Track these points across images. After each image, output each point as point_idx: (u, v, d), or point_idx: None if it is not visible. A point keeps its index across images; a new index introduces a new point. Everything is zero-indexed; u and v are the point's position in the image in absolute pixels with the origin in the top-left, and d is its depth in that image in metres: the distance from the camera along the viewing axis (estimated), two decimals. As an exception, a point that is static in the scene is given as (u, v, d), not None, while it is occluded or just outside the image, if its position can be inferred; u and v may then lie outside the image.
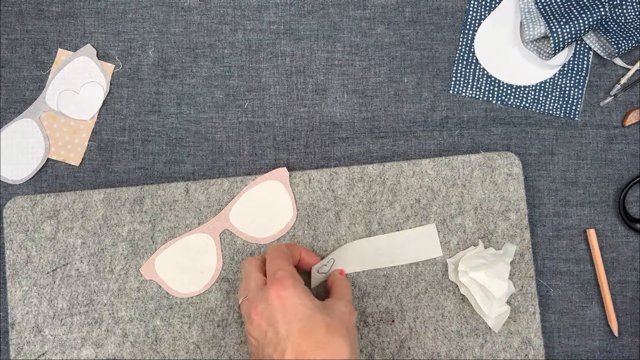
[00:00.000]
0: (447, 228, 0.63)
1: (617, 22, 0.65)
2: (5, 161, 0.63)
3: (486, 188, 0.63)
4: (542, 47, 0.65)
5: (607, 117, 0.66)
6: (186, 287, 0.62)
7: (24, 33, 0.65)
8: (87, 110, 0.64)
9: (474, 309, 0.61)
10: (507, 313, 0.61)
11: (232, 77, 0.66)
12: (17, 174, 0.64)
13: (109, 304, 0.61)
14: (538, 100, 0.66)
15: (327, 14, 0.66)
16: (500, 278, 0.59)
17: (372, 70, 0.66)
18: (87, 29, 0.65)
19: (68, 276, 0.61)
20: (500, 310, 0.60)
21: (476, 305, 0.60)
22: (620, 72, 0.67)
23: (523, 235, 0.63)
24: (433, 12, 0.67)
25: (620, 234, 0.66)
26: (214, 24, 0.66)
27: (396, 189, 0.63)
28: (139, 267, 0.62)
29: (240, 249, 0.62)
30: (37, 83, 0.65)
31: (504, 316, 0.60)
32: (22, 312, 0.61)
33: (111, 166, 0.65)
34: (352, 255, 0.62)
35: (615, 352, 0.65)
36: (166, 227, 0.62)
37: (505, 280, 0.59)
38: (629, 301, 0.65)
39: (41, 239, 0.61)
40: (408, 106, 0.66)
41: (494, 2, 0.67)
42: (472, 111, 0.66)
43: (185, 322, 0.61)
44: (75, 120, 0.64)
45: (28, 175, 0.64)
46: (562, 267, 0.65)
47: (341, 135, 0.66)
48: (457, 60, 0.66)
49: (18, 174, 0.64)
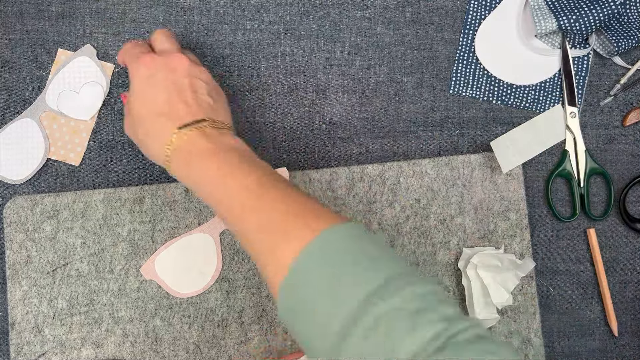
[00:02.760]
0: (447, 228, 0.63)
1: (619, 21, 0.64)
2: (5, 161, 0.63)
3: (486, 188, 0.63)
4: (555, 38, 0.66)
5: (607, 117, 0.66)
6: (186, 287, 0.62)
7: (24, 33, 0.65)
8: (87, 110, 0.64)
9: (466, 301, 0.61)
10: (494, 321, 0.60)
11: (232, 77, 0.66)
12: (17, 174, 0.64)
13: (109, 304, 0.61)
14: (538, 100, 0.66)
15: (327, 14, 0.66)
16: (505, 288, 0.59)
17: (372, 70, 0.66)
18: (87, 29, 0.65)
19: (68, 276, 0.61)
20: (489, 317, 0.60)
21: (470, 300, 0.60)
22: (620, 72, 0.67)
23: (523, 235, 0.63)
24: (433, 12, 0.67)
25: (620, 234, 0.66)
26: (214, 24, 0.66)
27: (396, 189, 0.63)
28: (139, 267, 0.62)
29: (240, 249, 0.62)
30: (37, 83, 0.65)
31: (490, 323, 0.60)
32: (22, 312, 0.61)
33: (111, 166, 0.65)
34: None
35: (615, 352, 0.65)
36: (166, 227, 0.62)
37: (508, 292, 0.59)
38: (629, 301, 0.65)
39: (41, 239, 0.61)
40: (408, 106, 0.66)
41: (494, 2, 0.67)
42: (472, 111, 0.66)
43: (185, 322, 0.61)
44: (75, 120, 0.64)
45: (28, 175, 0.64)
46: (562, 267, 0.65)
47: (341, 136, 0.66)
48: (457, 60, 0.66)
49: (18, 174, 0.64)
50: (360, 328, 0.37)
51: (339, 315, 0.38)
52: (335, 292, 0.39)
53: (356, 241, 0.42)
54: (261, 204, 0.46)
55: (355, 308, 0.38)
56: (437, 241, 0.63)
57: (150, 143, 0.53)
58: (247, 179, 0.47)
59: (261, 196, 0.46)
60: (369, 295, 0.38)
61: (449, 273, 0.63)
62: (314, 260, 0.41)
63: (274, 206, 0.45)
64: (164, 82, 0.53)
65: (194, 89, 0.53)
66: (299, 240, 0.42)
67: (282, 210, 0.45)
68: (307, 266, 0.41)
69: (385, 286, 0.38)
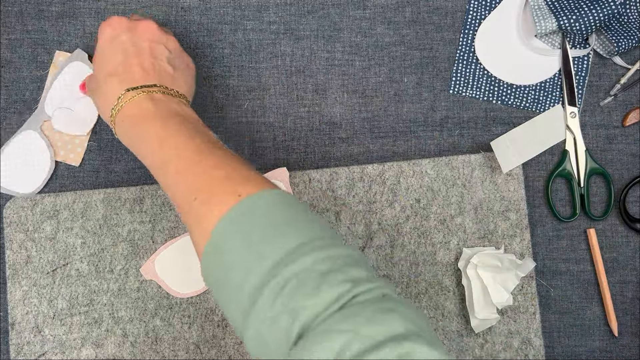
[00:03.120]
0: (447, 228, 0.63)
1: (619, 21, 0.64)
2: (14, 175, 0.63)
3: (486, 188, 0.63)
4: (555, 38, 0.66)
5: (607, 117, 0.66)
6: (186, 287, 0.62)
7: (24, 33, 0.65)
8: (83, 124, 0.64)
9: (466, 301, 0.61)
10: (494, 321, 0.60)
11: (232, 77, 0.66)
12: (27, 186, 0.63)
13: (109, 304, 0.61)
14: (538, 100, 0.66)
15: (327, 14, 0.66)
16: (505, 288, 0.59)
17: (372, 70, 0.66)
18: (87, 29, 0.65)
19: (68, 276, 0.61)
20: (489, 317, 0.60)
21: (470, 300, 0.60)
22: (620, 72, 0.67)
23: (523, 235, 0.63)
24: (433, 12, 0.67)
25: (620, 234, 0.66)
26: (214, 24, 0.66)
27: (396, 189, 0.63)
28: (139, 267, 0.62)
29: (240, 249, 0.62)
30: (37, 83, 0.65)
31: (490, 322, 0.60)
32: (22, 312, 0.61)
33: (111, 166, 0.65)
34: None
35: (615, 352, 0.65)
36: (166, 227, 0.62)
37: (508, 292, 0.59)
38: (629, 301, 0.65)
39: (41, 239, 0.61)
40: (408, 106, 0.66)
41: (494, 2, 0.66)
42: (472, 111, 0.66)
43: (185, 322, 0.61)
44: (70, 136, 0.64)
45: (39, 186, 0.63)
46: (562, 267, 0.65)
47: (341, 136, 0.66)
48: (457, 60, 0.66)
49: (29, 187, 0.63)
50: (269, 290, 0.37)
51: (251, 279, 0.38)
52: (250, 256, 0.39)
53: (280, 207, 0.42)
54: (195, 169, 0.45)
55: (267, 270, 0.38)
56: (437, 241, 0.63)
57: (101, 103, 0.54)
58: (185, 145, 0.47)
59: (198, 162, 0.46)
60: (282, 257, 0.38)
61: (449, 273, 0.63)
62: (233, 225, 0.41)
63: (207, 171, 0.45)
64: (125, 44, 0.54)
65: (154, 54, 0.54)
66: (223, 204, 0.42)
67: (213, 175, 0.44)
68: (226, 231, 0.41)
69: (300, 247, 0.38)
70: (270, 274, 0.38)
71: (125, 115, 0.51)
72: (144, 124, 0.50)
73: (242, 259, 0.39)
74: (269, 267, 0.38)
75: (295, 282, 0.37)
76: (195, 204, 0.44)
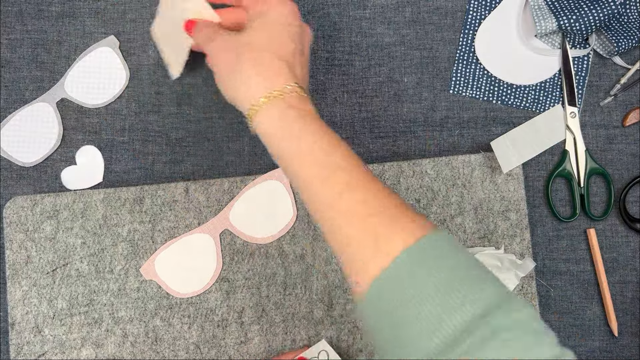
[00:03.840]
0: (447, 228, 0.63)
1: (619, 21, 0.64)
2: (16, 142, 0.63)
3: (486, 188, 0.63)
4: (555, 38, 0.66)
5: (607, 117, 0.66)
6: (186, 287, 0.62)
7: (24, 33, 0.65)
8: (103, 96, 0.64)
9: None
10: None
11: (232, 77, 0.66)
12: (26, 156, 0.64)
13: (109, 304, 0.61)
14: (538, 100, 0.66)
15: (327, 14, 0.66)
16: None
17: (372, 70, 0.66)
18: (87, 29, 0.65)
19: (68, 276, 0.61)
20: None
21: None
22: (620, 72, 0.67)
23: (523, 235, 0.63)
24: (433, 12, 0.67)
25: (620, 234, 0.66)
26: (214, 24, 0.66)
27: (396, 189, 0.63)
28: (139, 267, 0.62)
29: (240, 249, 0.62)
30: (37, 83, 0.65)
31: None
32: (22, 312, 0.61)
33: (111, 166, 0.65)
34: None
35: (615, 352, 0.65)
36: (166, 227, 0.62)
37: None
38: (629, 301, 0.65)
39: (41, 239, 0.62)
40: (408, 106, 0.66)
41: (494, 2, 0.66)
42: (472, 111, 0.66)
43: (185, 322, 0.61)
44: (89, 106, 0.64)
45: (37, 159, 0.63)
46: (562, 267, 0.65)
47: (341, 135, 0.66)
48: (457, 60, 0.66)
49: (28, 157, 0.64)
50: (476, 337, 0.36)
51: (451, 321, 0.37)
52: (446, 298, 0.38)
53: (459, 251, 0.41)
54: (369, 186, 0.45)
55: (471, 317, 0.37)
56: (437, 241, 0.63)
57: (244, 85, 0.49)
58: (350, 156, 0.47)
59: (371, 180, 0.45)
60: (488, 306, 0.37)
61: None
62: (419, 260, 0.40)
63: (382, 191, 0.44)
64: (296, 36, 0.52)
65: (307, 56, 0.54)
66: (408, 234, 0.41)
67: (391, 198, 0.44)
68: (413, 262, 0.40)
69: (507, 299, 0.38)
70: (474, 321, 0.37)
71: (279, 108, 0.48)
72: (304, 124, 0.48)
73: (433, 299, 0.38)
74: (476, 312, 0.37)
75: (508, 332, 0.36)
76: (373, 221, 0.42)
